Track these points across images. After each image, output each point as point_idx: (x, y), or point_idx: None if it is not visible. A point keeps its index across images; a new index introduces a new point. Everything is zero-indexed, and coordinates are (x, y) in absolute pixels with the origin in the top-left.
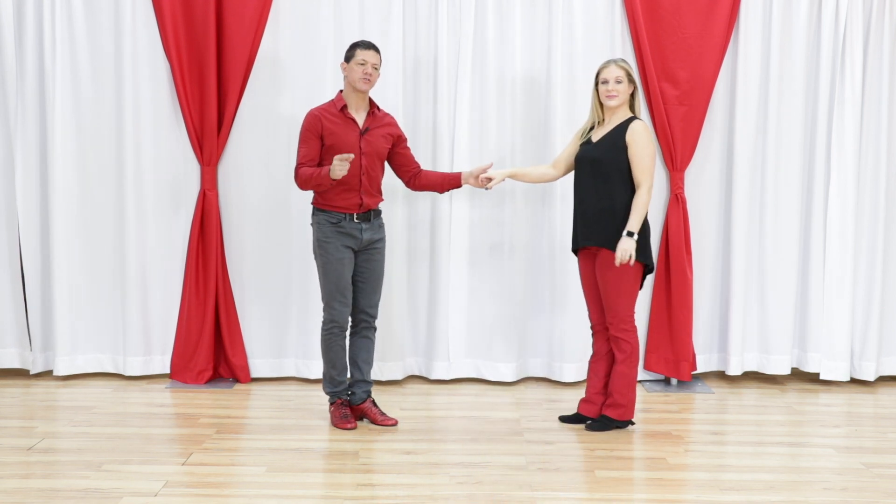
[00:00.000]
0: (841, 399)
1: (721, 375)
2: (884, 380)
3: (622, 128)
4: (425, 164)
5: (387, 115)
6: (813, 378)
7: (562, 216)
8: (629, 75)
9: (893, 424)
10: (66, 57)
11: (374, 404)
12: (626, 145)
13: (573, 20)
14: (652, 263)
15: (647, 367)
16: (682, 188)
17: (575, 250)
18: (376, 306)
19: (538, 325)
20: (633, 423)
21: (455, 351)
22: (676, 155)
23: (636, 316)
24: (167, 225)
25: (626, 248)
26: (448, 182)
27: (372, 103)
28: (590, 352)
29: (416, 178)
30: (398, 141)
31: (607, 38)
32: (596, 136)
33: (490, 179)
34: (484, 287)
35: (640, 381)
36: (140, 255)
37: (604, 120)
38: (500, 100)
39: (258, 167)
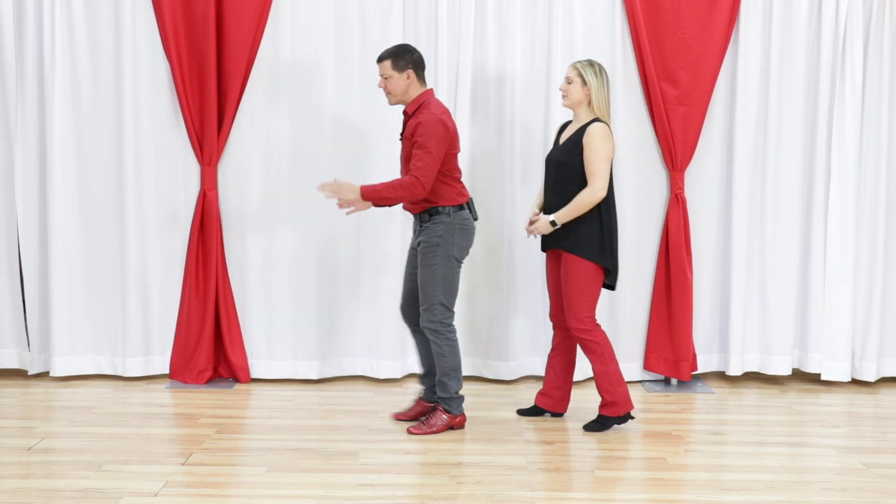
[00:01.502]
0: (841, 399)
1: (721, 376)
2: (885, 380)
3: (582, 130)
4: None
5: (424, 113)
6: (814, 378)
7: None
8: (581, 76)
9: (894, 425)
10: (66, 57)
11: (422, 401)
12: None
13: (573, 20)
14: (608, 266)
15: (647, 367)
16: (682, 188)
17: (544, 249)
18: (425, 311)
19: (537, 323)
20: (632, 417)
21: None
22: (676, 155)
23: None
24: (167, 225)
25: (537, 227)
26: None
27: (410, 106)
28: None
29: None
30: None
31: (607, 38)
32: (563, 138)
33: (536, 220)
34: (482, 285)
35: (640, 382)
36: (140, 255)
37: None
38: (499, 100)
39: (258, 167)
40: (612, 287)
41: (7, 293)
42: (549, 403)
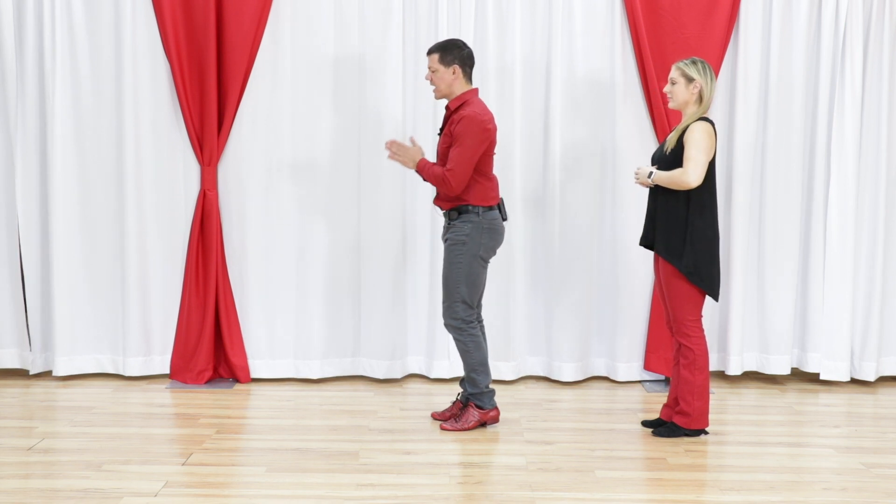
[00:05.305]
0: (841, 399)
1: (721, 375)
2: (884, 380)
3: (685, 131)
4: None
5: (465, 109)
6: (813, 378)
7: (560, 218)
8: (686, 75)
9: (893, 424)
10: (66, 57)
11: (460, 403)
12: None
13: (573, 20)
14: (686, 272)
15: (646, 368)
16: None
17: (646, 246)
18: (447, 308)
19: (537, 323)
20: (706, 433)
21: (455, 349)
22: None
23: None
24: (167, 225)
25: (639, 173)
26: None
27: (452, 103)
28: (585, 350)
29: None
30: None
31: (607, 38)
32: (669, 137)
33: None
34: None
35: (640, 382)
36: (140, 256)
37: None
38: (500, 99)
39: (258, 167)
40: (712, 297)
41: (8, 293)
42: (671, 416)
